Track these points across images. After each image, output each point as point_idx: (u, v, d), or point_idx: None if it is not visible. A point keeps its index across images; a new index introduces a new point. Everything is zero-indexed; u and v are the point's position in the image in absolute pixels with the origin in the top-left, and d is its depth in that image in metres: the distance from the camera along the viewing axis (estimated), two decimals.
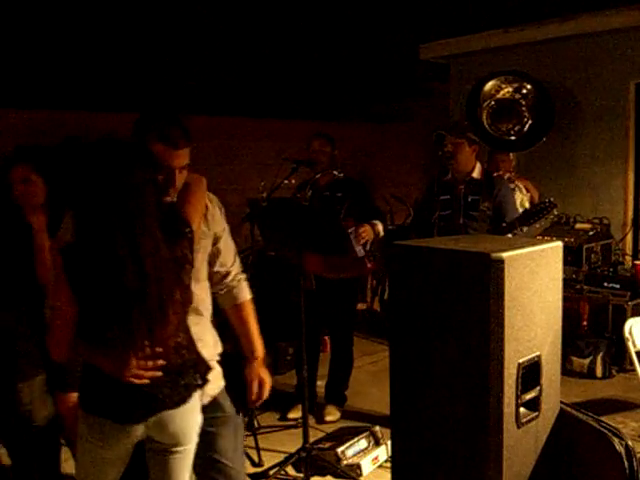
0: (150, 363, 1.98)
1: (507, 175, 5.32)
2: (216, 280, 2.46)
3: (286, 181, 4.22)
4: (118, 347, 1.95)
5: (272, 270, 4.94)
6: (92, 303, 1.97)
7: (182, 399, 2.06)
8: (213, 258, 2.44)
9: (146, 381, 1.97)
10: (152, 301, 1.94)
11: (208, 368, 2.19)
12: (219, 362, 2.45)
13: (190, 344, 2.12)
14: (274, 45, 9.43)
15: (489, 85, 6.03)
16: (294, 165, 4.25)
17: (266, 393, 2.55)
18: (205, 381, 2.15)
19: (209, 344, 2.37)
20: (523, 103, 5.93)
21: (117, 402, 2.00)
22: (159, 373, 1.99)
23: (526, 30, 6.57)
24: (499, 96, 6.02)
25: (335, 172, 4.30)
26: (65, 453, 3.11)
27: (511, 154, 5.82)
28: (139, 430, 2.05)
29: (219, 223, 2.45)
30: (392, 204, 6.95)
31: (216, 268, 2.45)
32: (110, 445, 2.05)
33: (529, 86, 5.95)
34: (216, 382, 2.37)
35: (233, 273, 2.50)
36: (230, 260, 2.49)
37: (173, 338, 2.02)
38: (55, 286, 2.01)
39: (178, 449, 2.12)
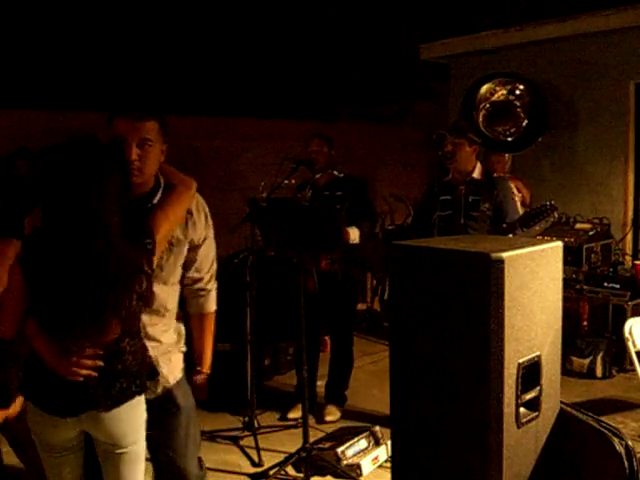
0: (89, 363, 2.02)
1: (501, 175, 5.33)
2: (186, 283, 2.46)
3: (286, 181, 4.22)
4: (60, 341, 2.01)
5: (272, 270, 4.94)
6: (41, 295, 2.03)
7: (116, 402, 2.08)
8: (189, 264, 2.42)
9: (80, 379, 2.02)
10: (93, 304, 1.98)
11: (155, 373, 2.23)
12: (184, 354, 2.46)
13: (138, 351, 2.14)
14: (274, 45, 9.45)
15: (484, 88, 6.06)
16: (294, 165, 4.26)
17: (204, 397, 2.60)
18: (145, 388, 2.17)
19: (168, 342, 2.36)
20: (518, 104, 5.94)
21: (49, 393, 2.07)
22: (95, 374, 2.03)
23: (526, 30, 6.57)
24: (494, 99, 6.03)
25: (335, 172, 4.31)
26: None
27: (507, 155, 5.83)
28: (70, 424, 2.10)
29: (200, 231, 2.40)
30: (392, 204, 6.96)
31: (190, 273, 2.44)
32: (48, 432, 2.13)
33: (522, 86, 5.96)
34: (172, 373, 2.37)
35: (205, 280, 2.49)
36: (206, 268, 2.48)
37: (118, 343, 2.06)
38: (10, 273, 2.13)
39: (121, 450, 2.14)
